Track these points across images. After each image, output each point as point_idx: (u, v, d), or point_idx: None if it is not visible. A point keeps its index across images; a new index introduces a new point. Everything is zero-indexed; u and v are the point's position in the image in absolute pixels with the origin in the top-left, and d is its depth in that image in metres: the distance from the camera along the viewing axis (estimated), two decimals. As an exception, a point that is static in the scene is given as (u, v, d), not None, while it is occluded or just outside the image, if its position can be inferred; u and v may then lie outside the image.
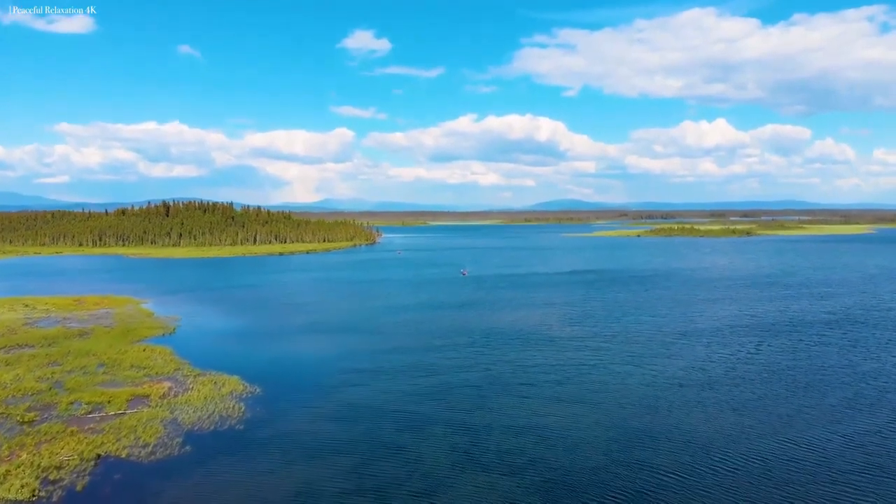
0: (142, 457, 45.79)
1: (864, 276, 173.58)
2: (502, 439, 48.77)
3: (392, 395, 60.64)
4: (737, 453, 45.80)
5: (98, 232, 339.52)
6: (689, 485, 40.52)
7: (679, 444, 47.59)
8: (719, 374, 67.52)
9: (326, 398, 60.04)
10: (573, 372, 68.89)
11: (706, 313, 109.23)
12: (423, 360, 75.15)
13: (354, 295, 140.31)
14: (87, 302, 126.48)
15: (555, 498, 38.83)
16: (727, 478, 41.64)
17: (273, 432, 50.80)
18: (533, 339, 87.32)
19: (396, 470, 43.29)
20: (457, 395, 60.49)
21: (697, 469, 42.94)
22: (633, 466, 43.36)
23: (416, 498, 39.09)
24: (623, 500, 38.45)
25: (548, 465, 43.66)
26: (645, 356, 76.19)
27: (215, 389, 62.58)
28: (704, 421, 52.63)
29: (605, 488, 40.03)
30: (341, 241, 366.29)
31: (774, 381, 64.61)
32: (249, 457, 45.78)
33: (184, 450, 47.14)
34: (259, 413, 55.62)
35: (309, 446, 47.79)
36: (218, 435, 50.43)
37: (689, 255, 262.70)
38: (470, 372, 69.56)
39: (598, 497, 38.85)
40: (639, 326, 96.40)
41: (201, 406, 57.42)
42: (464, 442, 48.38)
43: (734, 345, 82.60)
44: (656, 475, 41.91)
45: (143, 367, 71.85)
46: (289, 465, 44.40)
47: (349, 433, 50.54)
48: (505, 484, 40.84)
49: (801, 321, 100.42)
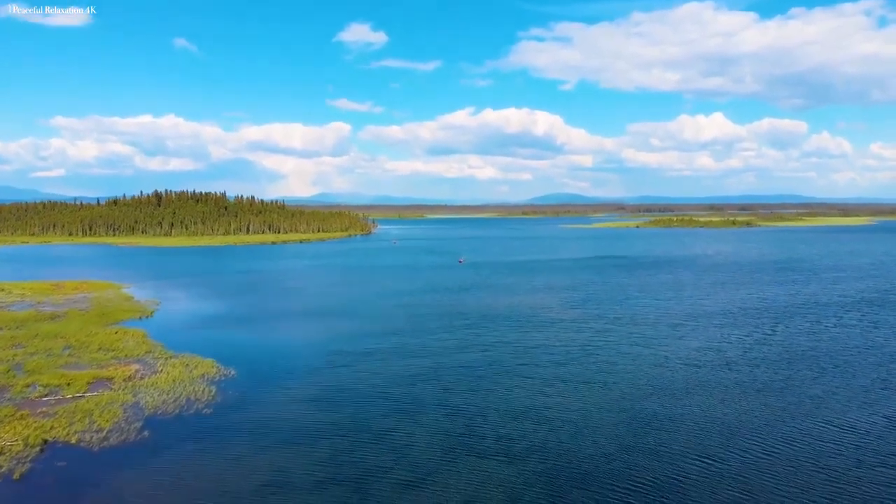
0: (93, 443, 40.35)
1: (873, 261, 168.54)
2: (500, 423, 43.39)
3: (381, 378, 55.21)
4: (768, 436, 40.53)
5: (88, 222, 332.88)
6: (715, 471, 35.15)
7: (700, 427, 42.23)
8: (736, 355, 62.19)
9: (309, 382, 54.57)
10: (577, 353, 63.50)
11: (714, 296, 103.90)
12: (417, 342, 69.73)
13: (347, 281, 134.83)
14: (66, 287, 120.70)
15: (559, 488, 33.45)
16: (761, 461, 36.35)
17: (245, 417, 45.36)
18: (533, 321, 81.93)
19: (381, 457, 37.89)
20: (451, 378, 55.09)
21: (724, 453, 37.58)
22: (649, 452, 38.00)
23: (401, 488, 33.69)
24: (639, 491, 33.03)
25: (551, 452, 38.30)
26: (654, 337, 70.83)
27: (186, 372, 57.07)
28: (726, 402, 47.29)
29: (617, 476, 34.66)
30: (336, 231, 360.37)
31: (797, 362, 59.30)
32: (216, 443, 40.36)
33: (141, 435, 41.70)
34: (231, 397, 50.14)
35: (284, 432, 42.35)
36: (182, 420, 44.95)
37: (691, 244, 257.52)
38: (466, 353, 64.15)
39: (609, 486, 33.46)
40: (645, 309, 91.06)
41: (168, 389, 51.89)
42: (458, 426, 42.97)
43: (748, 326, 77.26)
44: (676, 461, 36.55)
45: (111, 350, 66.32)
46: (260, 451, 38.96)
47: (331, 418, 45.12)
48: (503, 472, 35.46)
49: (815, 303, 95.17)
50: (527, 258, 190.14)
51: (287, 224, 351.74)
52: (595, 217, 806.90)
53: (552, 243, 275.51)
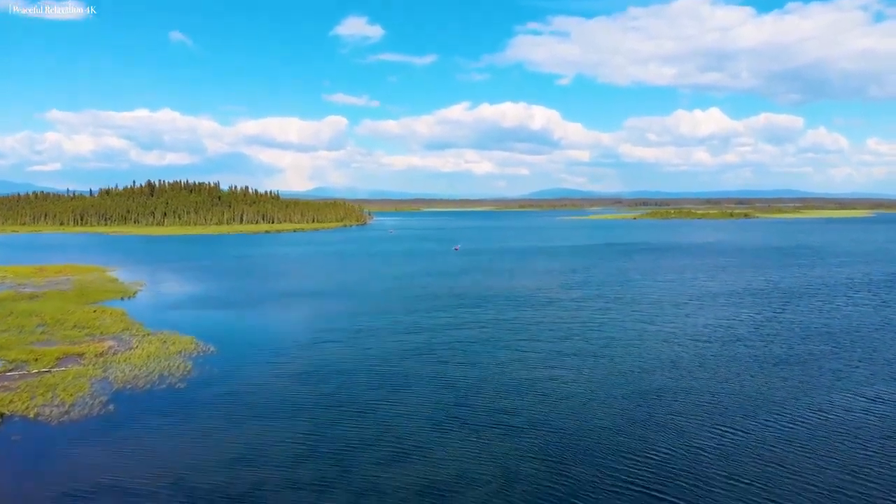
0: (52, 417, 36.82)
1: (877, 248, 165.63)
2: (496, 397, 39.95)
3: (372, 353, 51.71)
4: (791, 407, 37.27)
5: (80, 211, 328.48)
6: (734, 444, 31.72)
7: (716, 399, 38.84)
8: (748, 331, 58.87)
9: (294, 357, 51.02)
10: (579, 329, 60.11)
11: (718, 279, 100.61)
12: (410, 319, 66.28)
13: (341, 265, 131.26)
14: (48, 270, 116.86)
15: (561, 461, 30.02)
16: (785, 431, 32.96)
17: (221, 391, 41.85)
18: (532, 300, 78.51)
19: (365, 431, 34.42)
20: (445, 353, 51.64)
21: (743, 425, 34.16)
22: (660, 425, 34.58)
23: (386, 461, 30.24)
24: (649, 464, 29.60)
25: (551, 425, 34.86)
26: (658, 315, 67.47)
27: (162, 348, 53.50)
28: (742, 375, 43.90)
29: (625, 450, 31.22)
30: (331, 221, 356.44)
31: (812, 338, 55.98)
32: (186, 417, 36.86)
33: (106, 409, 38.17)
34: (208, 371, 46.61)
35: (262, 406, 38.85)
36: (152, 394, 41.43)
37: (689, 233, 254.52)
38: (461, 330, 60.72)
39: (616, 460, 30.02)
40: (647, 290, 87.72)
41: (141, 364, 48.33)
42: (450, 400, 39.52)
43: (756, 305, 73.94)
44: (690, 435, 33.14)
45: (86, 328, 62.70)
46: (234, 425, 35.46)
47: (315, 392, 41.64)
48: (498, 445, 32.03)
49: (824, 284, 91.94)
50: (524, 245, 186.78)
51: (281, 214, 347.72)
52: (592, 210, 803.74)
53: (549, 232, 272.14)
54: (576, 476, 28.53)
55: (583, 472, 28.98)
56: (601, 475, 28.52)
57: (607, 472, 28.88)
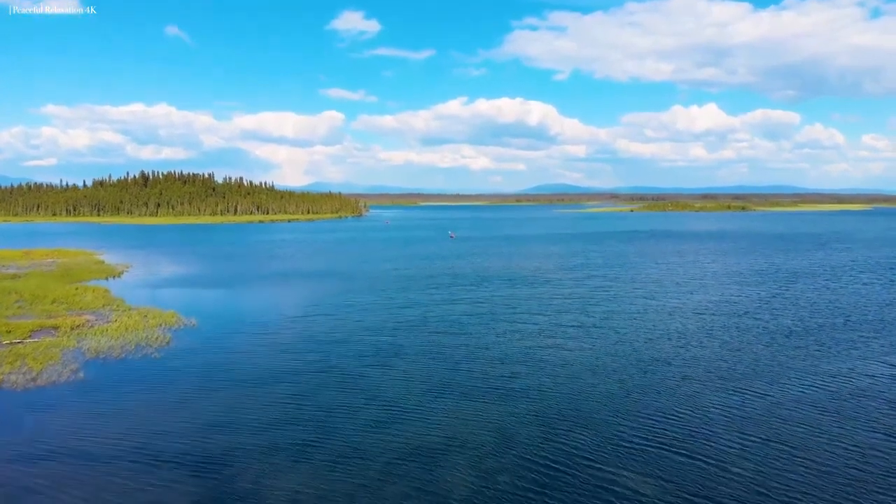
0: (18, 383, 34.37)
1: (879, 236, 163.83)
2: (491, 366, 37.57)
3: (361, 326, 49.28)
4: (813, 374, 34.89)
5: (73, 202, 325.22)
6: (746, 409, 29.38)
7: (730, 367, 36.49)
8: (754, 307, 56.62)
9: (281, 329, 48.58)
10: (578, 304, 57.80)
11: (720, 261, 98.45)
12: (403, 296, 63.91)
13: (335, 249, 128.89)
14: (36, 254, 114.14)
15: (559, 426, 27.62)
16: (803, 396, 30.60)
17: (199, 360, 39.41)
18: (529, 279, 76.19)
19: (352, 396, 32.05)
20: (440, 325, 49.27)
21: (756, 389, 31.83)
22: (663, 392, 32.18)
23: (371, 427, 27.85)
24: (654, 429, 27.22)
25: (548, 392, 32.45)
26: (660, 292, 65.19)
27: (142, 321, 50.96)
28: (753, 344, 41.60)
29: (627, 416, 28.79)
30: (326, 212, 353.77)
31: (821, 312, 53.74)
32: (160, 384, 34.43)
33: (76, 377, 35.73)
34: (187, 342, 44.20)
35: (244, 374, 36.40)
36: (126, 363, 38.99)
37: (688, 222, 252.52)
38: (456, 305, 58.40)
39: (617, 425, 27.59)
40: (647, 270, 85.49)
41: (118, 336, 45.82)
42: (443, 368, 37.14)
43: (761, 284, 71.70)
44: (703, 401, 30.77)
45: (66, 303, 60.17)
46: (211, 392, 33.04)
47: (300, 361, 39.20)
48: (492, 411, 29.64)
49: (829, 266, 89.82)
50: (521, 233, 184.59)
51: (276, 205, 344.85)
52: (589, 204, 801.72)
53: (546, 222, 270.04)
54: (577, 438, 26.19)
55: (584, 434, 26.64)
56: (606, 438, 26.18)
57: (611, 434, 26.55)
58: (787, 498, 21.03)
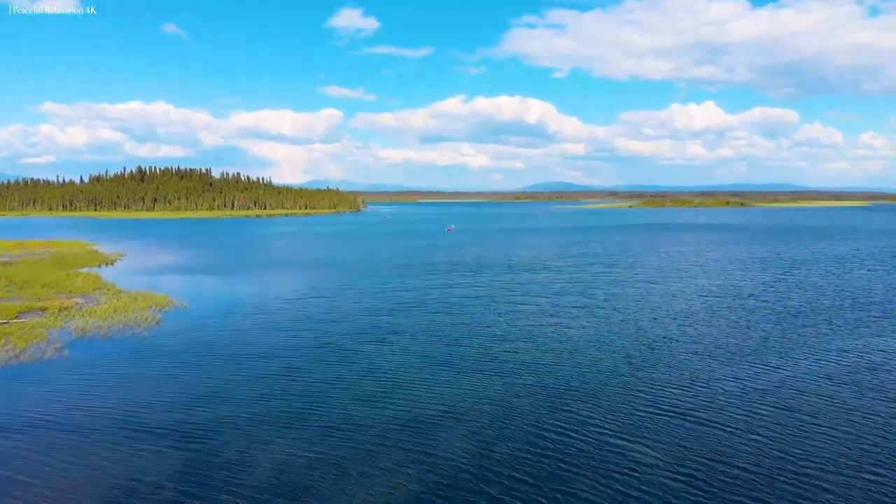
0: (0, 360, 33.09)
1: (879, 228, 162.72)
2: (490, 343, 36.35)
3: (357, 307, 48.06)
4: (825, 349, 33.80)
5: (69, 197, 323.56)
6: (768, 381, 28.15)
7: (738, 344, 35.30)
8: (760, 290, 55.50)
9: (274, 310, 47.34)
10: (578, 287, 56.60)
11: (722, 249, 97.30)
12: (401, 280, 62.68)
13: (332, 241, 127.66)
14: (30, 244, 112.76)
15: (558, 399, 26.36)
16: (826, 368, 29.39)
17: (190, 339, 38.15)
18: (528, 265, 74.98)
19: (346, 371, 30.81)
20: (437, 306, 48.05)
21: (767, 362, 30.58)
22: (674, 366, 30.95)
23: (365, 399, 26.63)
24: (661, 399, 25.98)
25: (550, 367, 31.18)
26: (661, 277, 64.02)
27: (132, 303, 49.65)
28: (763, 322, 40.43)
29: (632, 388, 27.55)
30: (324, 208, 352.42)
31: (827, 295, 52.60)
32: (146, 361, 33.16)
33: (60, 354, 34.47)
34: (178, 322, 42.94)
35: (235, 350, 35.17)
36: (113, 341, 37.72)
37: (688, 217, 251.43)
38: (455, 288, 57.19)
39: (625, 397, 26.33)
40: (649, 257, 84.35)
41: (106, 316, 44.54)
42: (440, 345, 35.91)
43: (764, 270, 70.54)
44: (711, 375, 29.54)
45: (56, 287, 58.87)
46: (199, 369, 31.72)
47: (292, 338, 37.96)
48: (491, 385, 28.39)
49: (831, 254, 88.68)
50: (520, 226, 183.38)
51: (273, 201, 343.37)
52: (587, 202, 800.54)
53: (546, 217, 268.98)
54: (577, 410, 24.97)
55: (591, 405, 25.43)
56: (614, 407, 24.96)
57: (620, 404, 25.33)
58: (810, 462, 19.81)
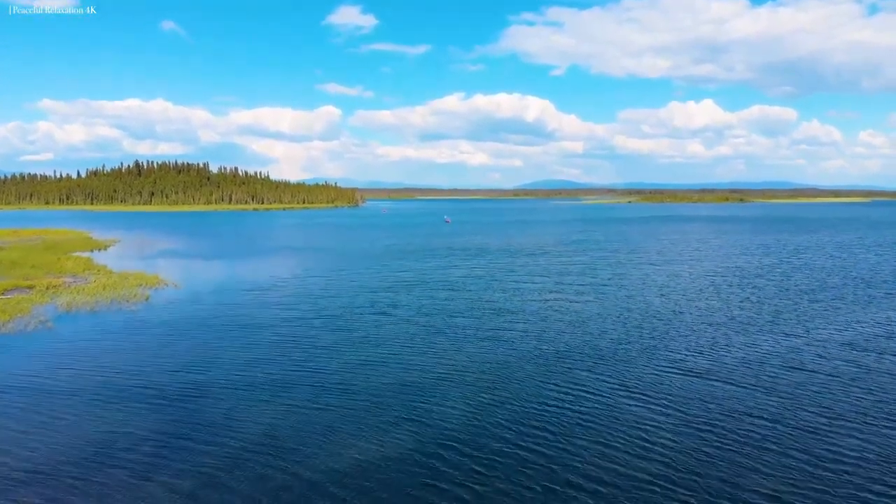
0: (-20, 333, 31.80)
1: (881, 220, 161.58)
2: (489, 317, 35.05)
3: (353, 285, 46.79)
4: (838, 322, 32.60)
5: (66, 191, 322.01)
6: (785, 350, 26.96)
7: (748, 318, 34.07)
8: (765, 270, 54.39)
9: (268, 288, 45.99)
10: (577, 269, 55.41)
11: (724, 237, 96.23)
12: (399, 263, 61.52)
13: (330, 231, 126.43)
14: (24, 232, 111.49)
15: (560, 367, 25.09)
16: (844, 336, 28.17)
17: (179, 312, 36.90)
18: (528, 251, 73.83)
19: (339, 339, 29.59)
20: (435, 285, 46.84)
21: (792, 332, 29.38)
22: (681, 337, 29.69)
23: (360, 365, 25.40)
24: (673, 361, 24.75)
25: (551, 338, 29.79)
26: (663, 261, 62.86)
27: (121, 281, 48.38)
28: (772, 300, 39.23)
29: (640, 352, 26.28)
30: (322, 202, 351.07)
31: (835, 274, 51.45)
32: (131, 334, 31.88)
33: (45, 327, 33.16)
34: (166, 298, 41.74)
35: (224, 321, 33.98)
36: (99, 316, 36.42)
37: (686, 210, 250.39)
38: (453, 270, 56.00)
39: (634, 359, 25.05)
40: (650, 244, 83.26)
41: (94, 292, 43.25)
42: (440, 316, 34.69)
43: (768, 254, 69.41)
44: (721, 346, 28.30)
45: (45, 268, 57.56)
46: (184, 339, 30.40)
47: (284, 311, 36.66)
48: (491, 352, 27.14)
49: (835, 241, 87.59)
50: (519, 218, 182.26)
51: (271, 195, 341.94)
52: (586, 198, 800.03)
53: (545, 211, 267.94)
54: (585, 373, 23.74)
55: (595, 370, 24.20)
56: (619, 374, 23.72)
57: (625, 370, 24.09)
58: (829, 418, 18.59)
